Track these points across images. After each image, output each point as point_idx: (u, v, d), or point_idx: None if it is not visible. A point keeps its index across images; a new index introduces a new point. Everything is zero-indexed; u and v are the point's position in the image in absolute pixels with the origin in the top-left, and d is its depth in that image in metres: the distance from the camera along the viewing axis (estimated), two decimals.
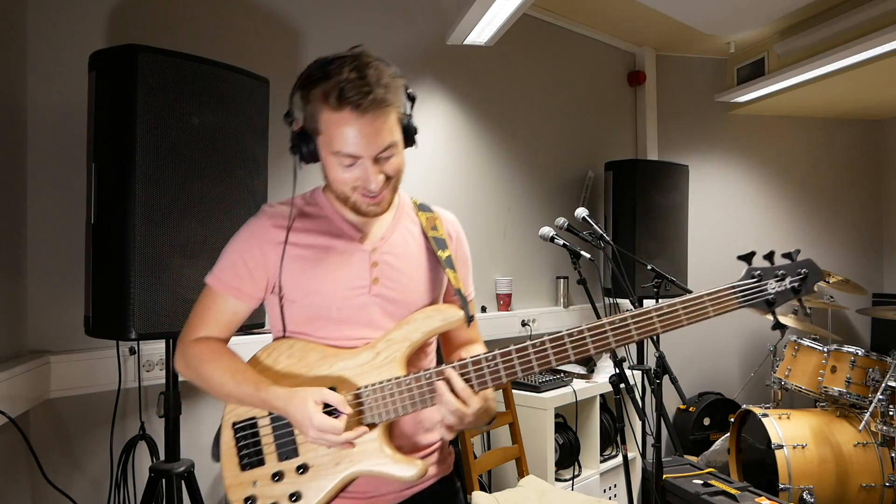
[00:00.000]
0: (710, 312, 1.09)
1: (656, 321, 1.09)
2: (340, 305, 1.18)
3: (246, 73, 1.75)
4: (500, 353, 1.12)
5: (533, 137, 3.52)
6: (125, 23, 2.05)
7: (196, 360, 1.19)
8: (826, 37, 3.47)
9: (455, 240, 1.32)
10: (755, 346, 4.30)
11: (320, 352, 1.18)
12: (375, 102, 1.06)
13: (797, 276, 1.10)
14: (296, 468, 1.15)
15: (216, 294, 1.22)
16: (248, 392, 1.14)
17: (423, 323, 1.17)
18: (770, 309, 1.11)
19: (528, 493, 2.32)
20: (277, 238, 1.19)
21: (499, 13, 2.72)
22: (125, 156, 1.52)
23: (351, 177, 1.12)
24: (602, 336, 1.10)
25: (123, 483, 1.97)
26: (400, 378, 1.13)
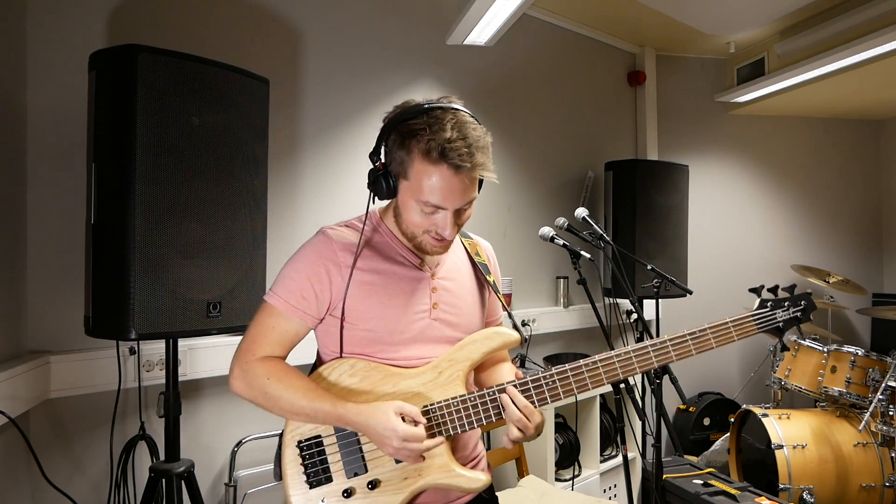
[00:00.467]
0: (734, 337, 1.25)
1: (691, 345, 1.24)
2: (403, 329, 1.23)
3: (246, 73, 1.75)
4: (556, 371, 1.22)
5: (533, 137, 3.52)
6: (125, 23, 2.05)
7: (262, 380, 1.20)
8: (826, 37, 3.47)
9: (493, 265, 1.42)
10: (755, 346, 4.30)
11: (383, 371, 1.23)
12: (475, 167, 1.13)
13: (798, 307, 1.30)
14: (366, 484, 1.19)
15: (281, 315, 1.23)
16: (323, 409, 1.17)
17: (484, 344, 1.25)
18: (780, 335, 1.30)
19: (528, 493, 2.32)
20: (345, 262, 1.21)
21: (499, 13, 2.72)
22: (125, 156, 1.51)
23: (428, 222, 1.18)
24: (645, 358, 1.23)
25: (123, 483, 1.97)
26: (465, 395, 1.20)
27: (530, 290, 3.46)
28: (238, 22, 2.36)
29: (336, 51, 2.64)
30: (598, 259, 3.39)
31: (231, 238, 1.69)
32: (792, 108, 4.39)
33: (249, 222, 1.74)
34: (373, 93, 2.76)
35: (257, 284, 1.77)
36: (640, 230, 3.42)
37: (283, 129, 2.40)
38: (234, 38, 2.33)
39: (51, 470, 1.80)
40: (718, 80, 4.36)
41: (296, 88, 2.50)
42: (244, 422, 2.28)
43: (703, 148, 4.34)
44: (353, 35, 2.70)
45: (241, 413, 2.29)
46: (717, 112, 4.39)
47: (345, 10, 2.68)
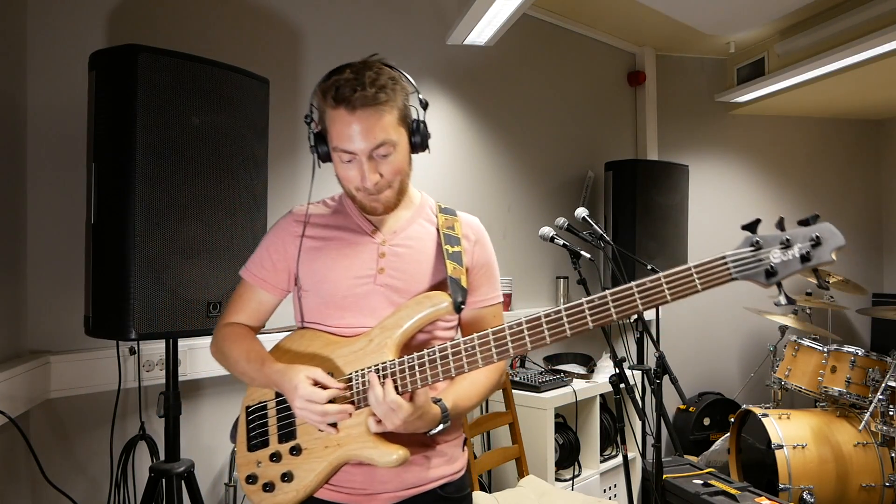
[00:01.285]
0: (698, 286, 0.98)
1: (637, 298, 1.00)
2: (345, 293, 1.23)
3: (246, 73, 1.75)
4: (438, 348, 1.12)
5: (533, 137, 3.52)
6: (125, 23, 2.05)
7: (222, 341, 1.31)
8: (826, 37, 3.47)
9: (474, 242, 1.33)
10: (755, 346, 4.30)
11: (325, 340, 1.24)
12: (365, 99, 1.12)
13: (808, 241, 0.94)
14: (290, 449, 1.21)
15: (246, 284, 1.34)
16: (255, 368, 1.23)
17: (413, 309, 1.19)
18: (771, 281, 0.96)
19: (528, 493, 2.32)
20: (296, 231, 1.29)
21: (499, 13, 2.72)
22: (125, 156, 1.52)
23: (351, 174, 1.19)
24: (579, 315, 1.03)
25: (123, 483, 1.97)
26: (386, 363, 1.15)
27: (530, 290, 3.46)
28: (238, 22, 2.36)
29: (336, 51, 2.64)
30: (598, 259, 3.38)
31: (231, 238, 1.69)
32: (792, 108, 4.39)
33: (249, 222, 1.74)
34: None
35: None
36: (640, 230, 3.42)
37: (283, 129, 2.40)
38: (234, 38, 2.33)
39: (51, 470, 1.80)
40: (718, 80, 4.36)
41: (296, 88, 2.50)
42: None
43: (703, 148, 4.34)
44: (353, 35, 2.70)
45: None
46: (717, 112, 4.39)
47: (345, 10, 2.68)
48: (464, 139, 3.17)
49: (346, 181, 1.21)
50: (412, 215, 1.31)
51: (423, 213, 1.33)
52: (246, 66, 1.77)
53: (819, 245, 0.94)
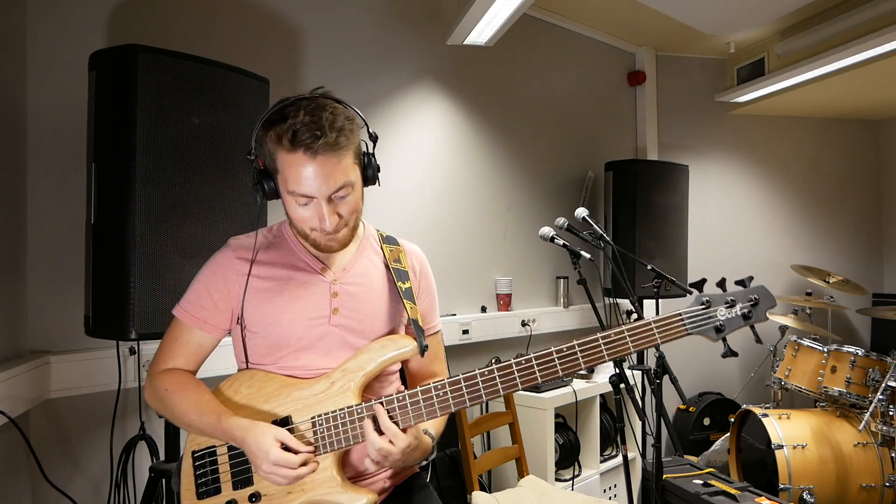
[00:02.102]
0: (658, 339, 1.10)
1: (603, 349, 1.10)
2: (300, 336, 1.20)
3: (246, 73, 1.75)
4: (434, 385, 1.13)
5: (533, 137, 3.52)
6: (125, 23, 2.05)
7: (162, 392, 1.21)
8: (826, 37, 3.47)
9: (420, 273, 1.34)
10: (755, 346, 4.27)
11: (279, 382, 1.21)
12: (327, 146, 1.09)
13: (748, 301, 1.10)
14: (248, 496, 1.17)
15: (182, 325, 1.25)
16: (209, 422, 1.15)
17: (377, 353, 1.19)
18: (719, 336, 1.11)
19: (528, 493, 2.32)
20: (241, 270, 1.22)
21: (499, 13, 2.72)
22: (125, 156, 1.52)
23: (308, 215, 1.15)
24: (549, 364, 1.11)
25: (123, 483, 1.97)
26: (353, 407, 1.14)
27: (530, 290, 3.46)
28: (238, 22, 2.36)
29: (336, 51, 2.64)
30: (598, 259, 3.38)
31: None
32: (792, 108, 4.39)
33: (249, 222, 1.74)
34: (373, 93, 2.76)
35: None
36: (640, 230, 3.42)
37: None
38: (234, 38, 2.33)
39: (51, 470, 1.80)
40: (718, 80, 4.36)
41: (296, 88, 2.50)
42: None
43: (703, 148, 4.34)
44: (353, 35, 2.70)
45: None
46: (717, 112, 4.39)
47: (345, 10, 2.68)
48: (464, 139, 3.17)
49: (300, 222, 1.17)
50: (358, 249, 1.29)
51: (369, 245, 1.32)
52: (246, 66, 1.77)
53: (757, 305, 1.11)
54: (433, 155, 3.01)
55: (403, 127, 2.89)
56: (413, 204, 2.89)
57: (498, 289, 3.22)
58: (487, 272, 3.22)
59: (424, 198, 2.95)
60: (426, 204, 2.94)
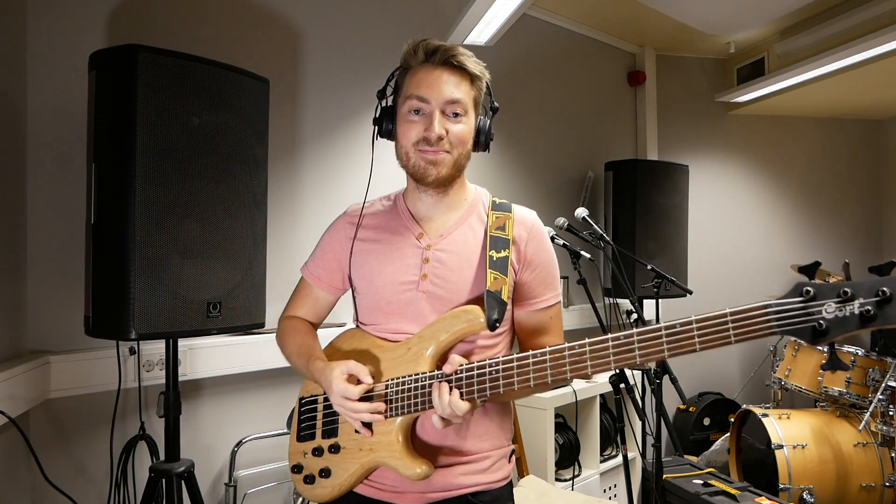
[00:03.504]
0: (732, 339, 0.86)
1: (665, 344, 0.92)
2: (390, 299, 1.24)
3: (246, 73, 1.75)
4: (502, 359, 1.09)
5: (533, 137, 3.52)
6: (125, 23, 2.05)
7: (281, 334, 1.38)
8: (826, 37, 3.47)
9: (527, 240, 1.27)
10: (755, 346, 4.29)
11: (370, 343, 1.26)
12: (456, 60, 1.19)
13: (874, 296, 0.76)
14: (329, 447, 1.25)
15: (304, 281, 1.40)
16: (302, 363, 1.28)
17: (449, 322, 1.17)
18: (817, 341, 0.81)
19: (528, 493, 2.32)
20: (349, 233, 1.31)
21: (499, 13, 2.72)
22: (125, 156, 1.51)
23: (415, 130, 1.19)
24: (603, 355, 0.99)
25: (123, 483, 1.97)
26: (419, 375, 1.16)
27: None
28: (238, 22, 2.36)
29: (336, 51, 2.64)
30: (598, 259, 3.38)
31: (231, 238, 1.69)
32: (792, 108, 4.39)
33: (249, 222, 1.74)
34: (373, 93, 2.75)
35: (257, 284, 1.77)
36: (640, 230, 3.42)
37: (283, 129, 2.40)
38: (234, 38, 2.33)
39: (51, 470, 1.80)
40: (718, 80, 4.36)
41: (296, 88, 2.50)
42: (244, 422, 2.28)
43: (703, 148, 4.34)
44: (353, 35, 2.70)
45: (241, 413, 2.29)
46: (717, 112, 4.39)
47: (345, 9, 2.68)
48: None
49: (406, 138, 1.20)
50: (462, 216, 1.27)
51: (475, 213, 1.29)
52: (246, 66, 1.77)
53: (888, 303, 0.76)
54: None
55: None
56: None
57: None
58: None
59: None
60: None
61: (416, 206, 1.28)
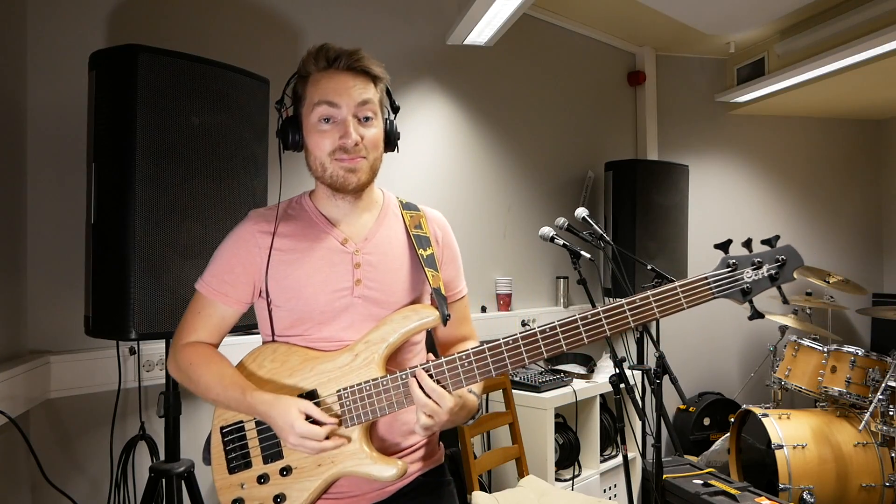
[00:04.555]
0: (684, 304, 1.08)
1: (629, 315, 1.08)
2: (323, 308, 1.20)
3: (246, 73, 1.75)
4: (473, 350, 1.13)
5: (533, 137, 3.52)
6: (125, 23, 2.05)
7: (186, 365, 1.22)
8: (826, 37, 3.47)
9: (442, 239, 1.33)
10: (755, 346, 4.30)
11: (302, 355, 1.20)
12: (359, 62, 1.17)
13: (775, 262, 1.08)
14: (279, 470, 1.18)
15: (204, 299, 1.25)
16: (234, 396, 1.16)
17: (400, 323, 1.18)
18: (746, 298, 1.09)
19: (528, 493, 2.32)
20: (262, 243, 1.22)
21: (499, 13, 2.72)
22: (125, 156, 1.51)
23: (329, 138, 1.16)
24: (574, 332, 1.10)
25: (123, 483, 1.97)
26: (378, 379, 1.14)
27: (530, 290, 3.46)
28: (238, 22, 2.36)
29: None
30: (598, 259, 3.38)
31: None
32: (792, 108, 4.39)
33: None
34: None
35: None
36: (640, 230, 3.42)
37: None
38: (234, 38, 2.33)
39: (51, 470, 1.80)
40: (718, 80, 4.36)
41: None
42: None
43: (703, 148, 4.34)
44: (353, 35, 2.70)
45: None
46: (717, 112, 4.39)
47: (345, 10, 2.68)
48: (464, 139, 3.17)
49: (319, 148, 1.17)
50: (378, 217, 1.28)
51: (390, 212, 1.31)
52: (246, 66, 1.77)
53: (784, 265, 1.08)
54: (433, 155, 3.01)
55: (403, 127, 2.86)
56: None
57: (498, 289, 3.22)
58: (487, 272, 3.22)
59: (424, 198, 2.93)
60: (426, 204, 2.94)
61: (331, 210, 1.25)
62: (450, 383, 1.12)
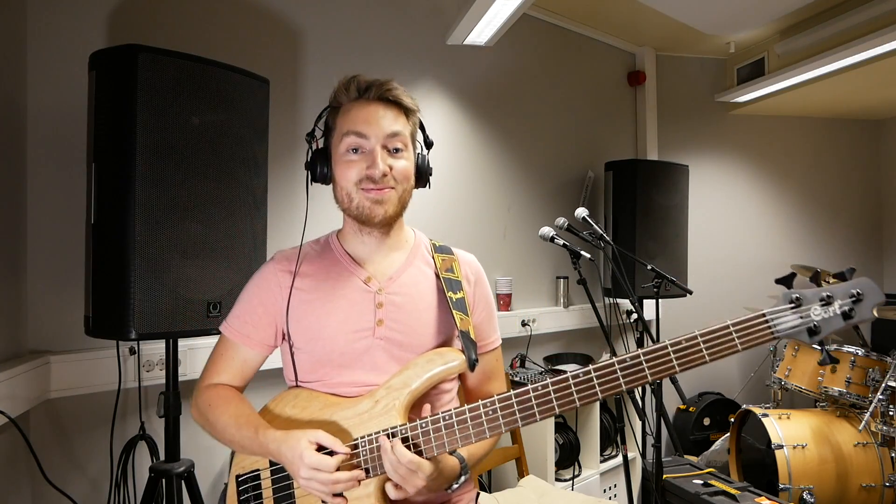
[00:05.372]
0: (738, 346, 0.96)
1: (674, 360, 0.97)
2: (343, 350, 1.15)
3: (246, 73, 1.75)
4: (455, 412, 1.05)
5: (533, 137, 3.52)
6: (125, 23, 2.05)
7: (206, 406, 1.20)
8: (826, 37, 3.47)
9: (474, 283, 1.28)
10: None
11: (323, 401, 1.16)
12: (390, 94, 1.15)
13: (849, 298, 0.93)
14: None
15: (228, 342, 1.24)
16: (248, 436, 1.13)
17: (423, 368, 1.12)
18: (814, 339, 0.95)
19: (528, 493, 2.32)
20: (284, 283, 1.20)
21: (499, 13, 2.72)
22: (125, 156, 1.51)
23: (356, 170, 1.14)
24: (612, 378, 0.98)
25: (123, 483, 1.97)
26: (397, 427, 1.07)
27: (530, 290, 3.46)
28: (238, 22, 2.36)
29: (336, 51, 2.64)
30: (598, 259, 3.38)
31: (231, 238, 1.69)
32: (792, 108, 4.39)
33: (249, 223, 1.74)
34: None
35: None
36: (640, 230, 3.42)
37: (283, 129, 2.40)
38: (234, 39, 2.33)
39: (51, 470, 1.80)
40: (718, 80, 4.36)
41: (296, 88, 2.50)
42: None
43: (703, 148, 4.34)
44: (353, 35, 2.70)
45: None
46: (717, 112, 4.39)
47: (345, 10, 2.68)
48: (464, 139, 3.17)
49: (346, 178, 1.14)
50: (407, 258, 1.24)
51: (419, 255, 1.26)
52: (246, 66, 1.77)
53: (860, 301, 0.93)
54: (433, 155, 3.00)
55: None
56: (412, 204, 2.89)
57: (498, 289, 3.22)
58: (487, 272, 3.19)
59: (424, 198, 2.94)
60: (426, 204, 2.94)
61: (357, 248, 1.21)
62: (434, 447, 1.04)
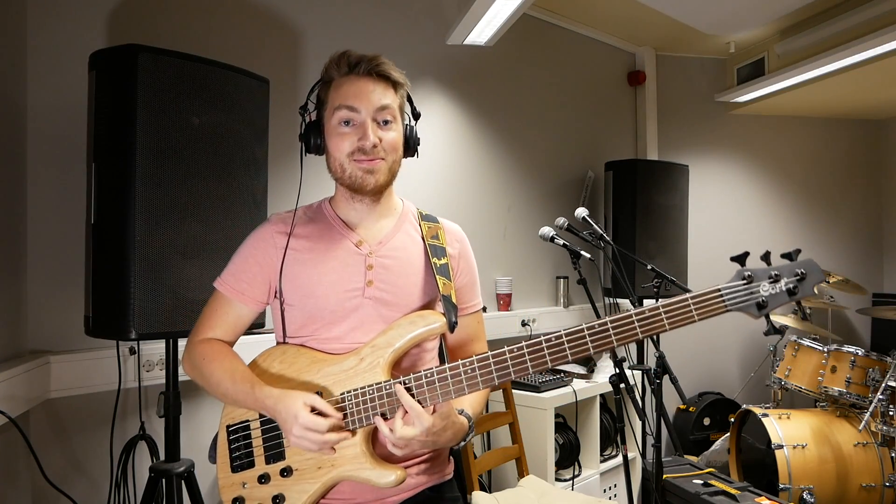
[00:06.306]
0: (695, 317, 1.03)
1: (637, 325, 1.05)
2: (334, 307, 1.21)
3: (246, 73, 1.75)
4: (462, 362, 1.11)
5: (533, 137, 3.52)
6: (125, 23, 2.05)
7: (199, 360, 1.24)
8: (826, 37, 3.47)
9: (459, 251, 1.35)
10: (755, 346, 4.30)
11: (310, 357, 1.21)
12: (379, 68, 1.21)
13: (794, 276, 1.01)
14: (280, 471, 1.18)
15: (222, 297, 1.28)
16: (243, 390, 1.18)
17: (406, 328, 1.18)
18: (761, 312, 1.03)
19: (528, 493, 2.32)
20: (279, 243, 1.25)
21: (499, 13, 2.72)
22: (125, 156, 1.52)
23: (348, 142, 1.20)
24: (580, 342, 1.07)
25: (123, 483, 1.97)
26: (381, 383, 1.14)
27: (530, 290, 3.46)
28: (238, 22, 2.36)
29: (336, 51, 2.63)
30: (598, 259, 3.38)
31: (231, 238, 1.68)
32: (792, 108, 4.39)
33: (249, 222, 1.74)
34: None
35: None
36: (640, 230, 3.42)
37: (283, 129, 2.40)
38: (234, 38, 2.33)
39: (51, 470, 1.80)
40: (718, 80, 4.36)
41: (296, 88, 2.50)
42: None
43: (703, 148, 4.34)
44: (353, 35, 2.70)
45: None
46: (717, 112, 4.39)
47: (345, 9, 2.68)
48: (464, 139, 3.17)
49: (339, 150, 1.21)
50: (396, 223, 1.30)
51: (407, 221, 1.33)
52: (246, 66, 1.77)
53: (804, 280, 1.02)
54: (433, 155, 3.01)
55: None
56: (414, 200, 2.89)
57: (498, 289, 3.22)
58: (487, 272, 3.22)
59: (424, 198, 2.95)
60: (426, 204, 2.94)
61: (349, 214, 1.28)
62: (440, 395, 1.11)
